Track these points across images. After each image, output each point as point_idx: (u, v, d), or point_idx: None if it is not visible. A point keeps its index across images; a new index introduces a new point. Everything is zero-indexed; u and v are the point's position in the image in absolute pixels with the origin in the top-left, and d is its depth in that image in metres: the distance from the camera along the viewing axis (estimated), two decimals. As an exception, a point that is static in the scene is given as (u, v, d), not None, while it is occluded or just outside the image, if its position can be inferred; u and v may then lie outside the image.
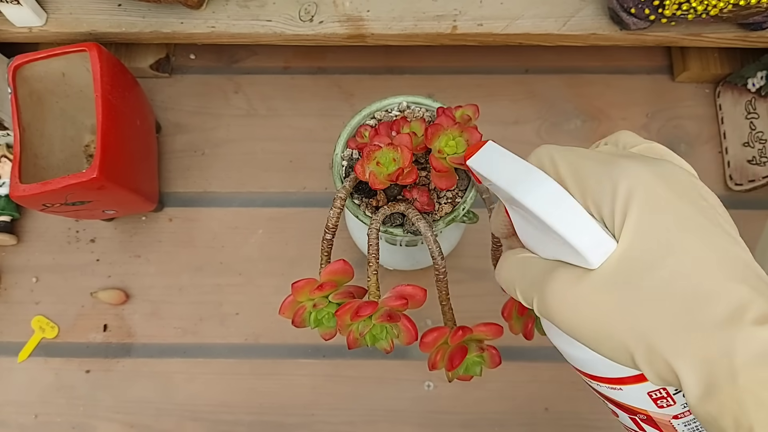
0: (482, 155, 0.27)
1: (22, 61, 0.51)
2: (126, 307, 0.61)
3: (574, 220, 0.22)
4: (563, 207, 0.23)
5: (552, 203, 0.23)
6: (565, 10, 0.56)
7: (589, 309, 0.22)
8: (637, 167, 0.22)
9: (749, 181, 0.60)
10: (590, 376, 0.29)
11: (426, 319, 0.59)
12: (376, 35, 0.57)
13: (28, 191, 0.48)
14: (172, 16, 0.57)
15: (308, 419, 0.58)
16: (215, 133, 0.67)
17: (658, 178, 0.22)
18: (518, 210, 0.26)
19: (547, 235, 0.24)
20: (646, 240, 0.21)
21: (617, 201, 0.22)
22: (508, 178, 0.25)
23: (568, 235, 0.22)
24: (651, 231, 0.21)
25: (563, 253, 0.24)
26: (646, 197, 0.21)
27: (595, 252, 0.22)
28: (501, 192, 0.26)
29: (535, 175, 0.24)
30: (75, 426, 0.58)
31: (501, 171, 0.25)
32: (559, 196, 0.23)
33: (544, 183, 0.23)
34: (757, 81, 0.60)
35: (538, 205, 0.23)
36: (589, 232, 0.22)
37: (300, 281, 0.34)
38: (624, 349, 0.21)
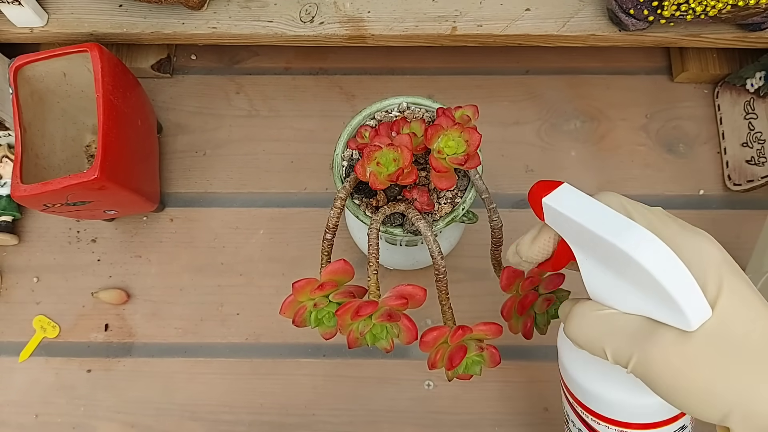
0: (562, 194, 0.27)
1: (24, 61, 0.51)
2: (127, 307, 0.62)
3: (685, 283, 0.23)
4: (676, 268, 0.23)
5: (665, 262, 0.23)
6: (565, 11, 0.56)
7: (692, 371, 0.23)
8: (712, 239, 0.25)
9: (748, 181, 0.60)
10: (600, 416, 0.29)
11: (426, 318, 0.60)
12: (376, 36, 0.57)
13: (29, 191, 0.48)
14: (174, 17, 0.57)
15: (308, 419, 0.58)
16: (216, 133, 0.67)
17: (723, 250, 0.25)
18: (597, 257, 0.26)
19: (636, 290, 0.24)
20: (737, 307, 0.23)
21: (710, 268, 0.24)
22: (606, 224, 0.25)
23: (678, 297, 0.23)
24: (743, 305, 0.23)
25: (656, 310, 0.24)
26: (732, 270, 0.24)
27: (698, 316, 0.23)
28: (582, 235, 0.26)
29: (640, 230, 0.24)
30: (75, 426, 0.58)
31: (593, 215, 0.25)
32: (671, 257, 0.23)
33: (653, 240, 0.24)
34: (755, 81, 0.61)
35: (650, 261, 0.23)
36: (697, 297, 0.23)
37: (300, 281, 0.34)
38: (720, 410, 0.22)
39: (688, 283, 0.23)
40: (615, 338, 0.25)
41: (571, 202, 0.26)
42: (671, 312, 0.23)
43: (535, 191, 0.28)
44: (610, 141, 0.66)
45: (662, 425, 0.27)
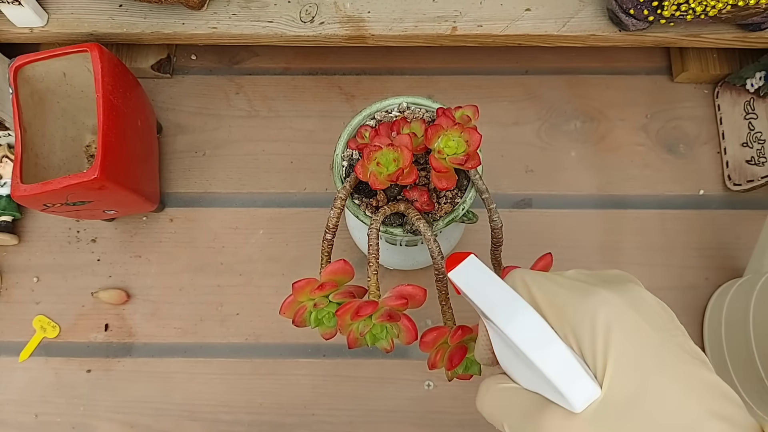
0: (463, 270, 0.26)
1: (24, 61, 0.51)
2: (126, 307, 0.62)
3: (561, 365, 0.22)
4: (550, 349, 0.22)
5: (538, 341, 0.22)
6: (565, 11, 0.56)
7: None
8: (611, 297, 0.23)
9: (748, 181, 0.60)
10: None
11: (426, 318, 0.60)
12: (376, 36, 0.57)
13: (29, 191, 0.48)
14: (174, 17, 0.57)
15: (308, 419, 0.58)
16: (216, 133, 0.67)
17: (630, 306, 0.23)
18: (497, 333, 0.25)
19: (529, 367, 0.24)
20: (627, 381, 0.22)
21: (597, 339, 0.22)
22: (491, 302, 0.24)
23: (554, 379, 0.22)
24: (631, 371, 0.22)
25: (546, 389, 0.23)
26: (624, 333, 0.22)
27: (580, 397, 0.22)
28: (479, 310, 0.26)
29: (519, 306, 0.23)
30: (75, 425, 0.58)
31: (485, 293, 0.25)
32: (546, 335, 0.23)
33: (528, 316, 0.23)
34: (755, 81, 0.61)
35: (523, 340, 0.23)
36: (577, 379, 0.22)
37: (300, 281, 0.34)
38: None
39: (566, 364, 0.22)
40: (511, 414, 0.25)
41: (470, 277, 0.26)
42: (556, 393, 0.22)
43: (447, 265, 0.28)
44: (610, 141, 0.66)
45: None
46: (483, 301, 0.25)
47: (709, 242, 0.61)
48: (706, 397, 0.21)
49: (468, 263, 0.27)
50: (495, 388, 0.26)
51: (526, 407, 0.24)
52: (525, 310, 0.23)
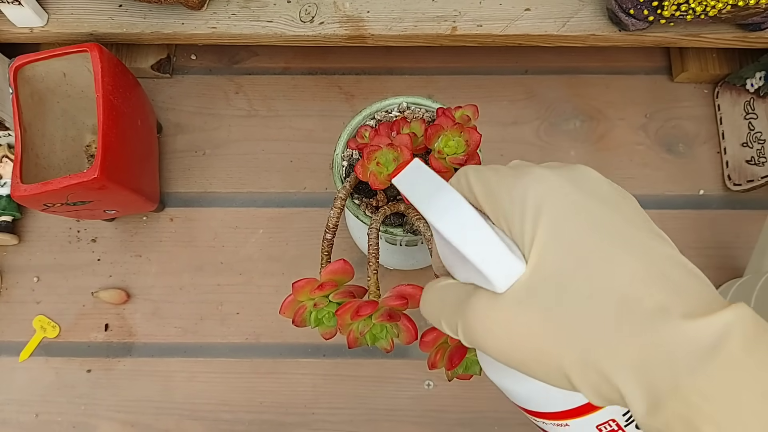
0: (405, 173, 0.25)
1: (24, 61, 0.51)
2: (127, 307, 0.62)
3: (482, 244, 0.21)
4: (471, 228, 0.21)
5: (459, 224, 0.21)
6: (564, 11, 0.56)
7: (510, 332, 0.21)
8: (546, 173, 0.21)
9: (748, 181, 0.60)
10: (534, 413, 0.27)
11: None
12: (376, 36, 0.57)
13: (29, 191, 0.48)
14: (173, 17, 0.57)
15: (308, 418, 0.58)
16: (216, 133, 0.67)
17: (568, 181, 0.21)
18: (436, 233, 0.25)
19: (460, 257, 0.22)
20: (559, 254, 0.20)
21: (526, 216, 0.21)
22: (420, 195, 0.23)
23: (474, 259, 0.21)
24: (564, 243, 0.20)
25: (474, 275, 0.22)
26: (556, 206, 0.20)
27: (501, 275, 0.21)
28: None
29: (443, 192, 0.22)
30: (75, 425, 0.58)
31: (416, 188, 0.24)
32: (467, 217, 0.21)
33: (450, 200, 0.22)
34: (755, 81, 0.61)
35: (445, 225, 0.22)
36: (497, 258, 0.21)
37: (300, 281, 0.34)
38: (557, 368, 0.20)
39: (487, 243, 0.21)
40: (444, 308, 0.24)
41: (410, 179, 0.25)
42: (481, 276, 0.21)
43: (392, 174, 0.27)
44: (609, 141, 0.66)
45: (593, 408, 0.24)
46: (417, 198, 0.23)
47: (708, 242, 0.61)
48: (657, 267, 0.19)
49: (411, 166, 0.25)
50: (434, 287, 0.25)
51: (457, 297, 0.23)
52: (448, 195, 0.22)
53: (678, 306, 0.19)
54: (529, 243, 0.20)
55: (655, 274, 0.19)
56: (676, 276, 0.19)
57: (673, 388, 0.18)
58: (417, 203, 0.23)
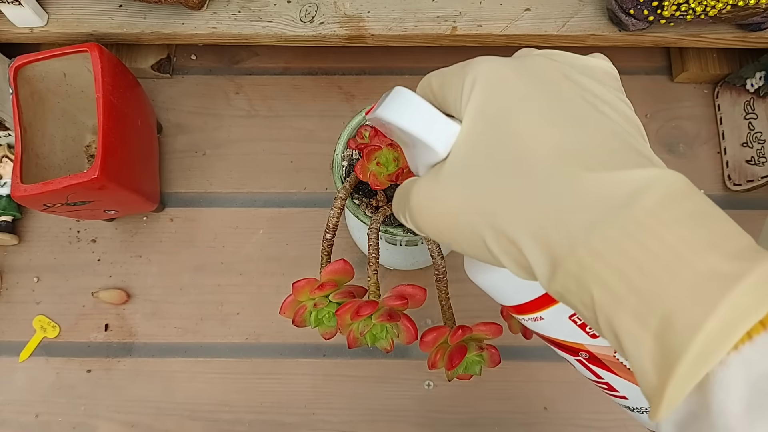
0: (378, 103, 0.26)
1: (24, 61, 0.51)
2: (127, 307, 0.62)
3: (414, 110, 0.22)
4: (405, 102, 0.22)
5: (398, 103, 0.23)
6: (565, 11, 0.56)
7: (442, 203, 0.21)
8: (491, 59, 0.21)
9: (748, 181, 0.60)
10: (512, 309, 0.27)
11: (426, 318, 0.60)
12: (376, 36, 0.57)
13: (29, 191, 0.48)
14: (173, 17, 0.57)
15: (308, 418, 0.58)
16: (216, 133, 0.67)
17: (509, 65, 0.21)
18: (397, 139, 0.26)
19: (412, 147, 0.24)
20: (483, 120, 0.20)
21: (464, 89, 0.21)
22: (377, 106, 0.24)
23: (409, 126, 0.22)
24: (489, 110, 0.20)
25: (424, 157, 0.23)
26: (489, 80, 0.20)
27: (438, 138, 0.21)
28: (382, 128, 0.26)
29: (393, 91, 0.23)
30: (76, 425, 0.58)
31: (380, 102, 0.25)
32: (403, 95, 0.23)
33: (394, 91, 0.23)
34: (755, 81, 0.61)
35: (386, 111, 0.23)
36: (429, 118, 0.22)
37: (300, 281, 0.34)
38: (477, 237, 0.20)
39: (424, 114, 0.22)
40: (400, 202, 0.24)
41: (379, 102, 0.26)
42: (425, 152, 0.22)
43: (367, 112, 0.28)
44: (609, 141, 0.66)
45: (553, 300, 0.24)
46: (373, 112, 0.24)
47: (708, 242, 0.61)
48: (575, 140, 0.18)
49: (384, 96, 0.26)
50: (400, 186, 0.25)
51: (409, 187, 0.23)
52: (394, 91, 0.23)
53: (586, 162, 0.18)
54: (463, 114, 0.21)
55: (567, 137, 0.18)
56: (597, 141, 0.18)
57: (569, 247, 0.17)
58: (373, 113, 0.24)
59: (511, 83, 0.20)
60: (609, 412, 0.57)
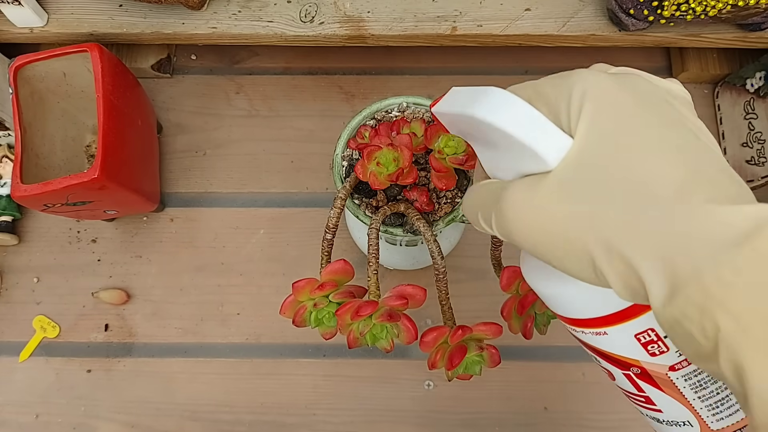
0: (445, 97, 0.26)
1: (24, 61, 0.51)
2: (127, 307, 0.62)
3: (524, 117, 0.21)
4: (513, 107, 0.22)
5: (501, 106, 0.22)
6: (565, 11, 0.56)
7: (545, 214, 0.20)
8: (595, 73, 0.21)
9: (748, 181, 0.60)
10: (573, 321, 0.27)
11: (426, 318, 0.60)
12: (376, 36, 0.57)
13: (29, 191, 0.48)
14: (174, 17, 0.57)
15: (309, 418, 0.58)
16: (216, 133, 0.67)
17: (616, 82, 0.21)
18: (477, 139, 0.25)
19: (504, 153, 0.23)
20: (598, 137, 0.20)
21: (572, 106, 0.21)
22: (463, 101, 0.24)
23: (519, 133, 0.21)
24: (604, 128, 0.20)
25: (522, 163, 0.22)
26: (600, 97, 0.20)
27: (550, 148, 0.21)
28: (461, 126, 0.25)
29: (490, 90, 0.23)
30: (76, 426, 0.58)
31: (458, 99, 0.24)
32: (508, 98, 0.22)
33: (493, 93, 0.22)
34: (755, 81, 0.61)
35: (486, 112, 0.22)
36: (541, 127, 0.21)
37: (301, 281, 0.34)
38: (584, 255, 0.20)
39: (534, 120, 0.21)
40: (483, 202, 0.24)
41: (449, 99, 0.25)
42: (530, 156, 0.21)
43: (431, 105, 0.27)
44: (610, 141, 0.66)
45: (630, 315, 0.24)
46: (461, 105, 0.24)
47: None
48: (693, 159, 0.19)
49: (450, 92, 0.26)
50: (474, 186, 0.25)
51: (495, 191, 0.23)
52: (494, 91, 0.22)
53: (706, 193, 0.18)
54: (574, 125, 0.21)
55: (688, 167, 0.19)
56: (709, 172, 0.19)
57: (693, 274, 0.17)
58: (462, 110, 0.23)
59: (623, 102, 0.20)
60: (609, 412, 0.57)
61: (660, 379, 0.25)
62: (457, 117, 0.24)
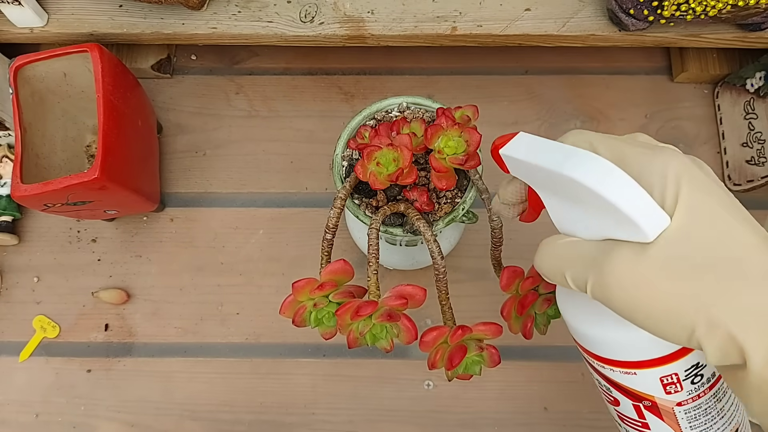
0: (517, 142, 0.27)
1: (24, 61, 0.51)
2: (127, 307, 0.62)
3: (630, 191, 0.23)
4: (619, 179, 0.23)
5: (606, 175, 0.23)
6: (565, 11, 0.56)
7: (650, 287, 0.22)
8: (680, 154, 0.24)
9: (748, 181, 0.60)
10: (604, 360, 0.28)
11: (426, 318, 0.60)
12: (376, 36, 0.57)
13: (29, 191, 0.48)
14: (174, 17, 0.57)
15: (308, 418, 0.58)
16: (216, 133, 0.67)
17: (696, 165, 0.24)
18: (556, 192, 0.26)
19: (593, 214, 0.24)
20: (698, 218, 0.22)
21: (668, 182, 0.23)
22: (553, 158, 0.25)
23: (624, 205, 0.22)
24: (701, 210, 0.22)
25: (613, 230, 0.24)
26: (693, 180, 0.23)
27: (652, 224, 0.22)
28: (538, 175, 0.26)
29: (583, 152, 0.24)
30: (76, 425, 0.58)
31: (543, 153, 0.25)
32: (613, 169, 0.23)
33: (594, 158, 0.24)
34: (755, 81, 0.61)
35: (591, 178, 0.23)
36: (645, 203, 0.22)
37: (300, 281, 0.34)
38: (685, 325, 0.22)
39: (635, 191, 0.23)
40: (574, 262, 0.25)
41: (525, 146, 0.27)
42: (627, 227, 0.23)
43: (495, 146, 0.28)
44: (609, 141, 0.66)
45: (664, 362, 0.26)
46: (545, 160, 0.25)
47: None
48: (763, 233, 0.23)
49: (521, 136, 0.27)
50: (556, 243, 0.27)
51: (590, 253, 0.25)
52: (591, 156, 0.24)
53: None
54: (672, 203, 0.23)
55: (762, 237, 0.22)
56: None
57: None
58: (545, 163, 0.25)
59: (710, 186, 0.23)
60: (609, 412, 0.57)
61: (666, 411, 0.27)
62: (539, 169, 0.26)
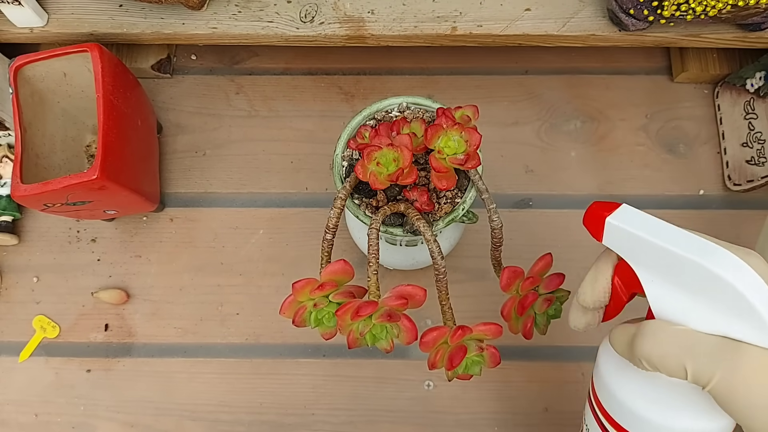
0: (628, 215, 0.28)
1: (24, 61, 0.51)
2: (127, 307, 0.62)
3: None
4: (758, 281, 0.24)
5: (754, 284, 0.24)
6: (565, 11, 0.56)
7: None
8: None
9: (748, 181, 0.60)
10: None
11: (426, 318, 0.60)
12: (376, 36, 0.57)
13: (29, 191, 0.48)
14: (174, 17, 0.57)
15: (308, 418, 0.58)
16: (216, 133, 0.67)
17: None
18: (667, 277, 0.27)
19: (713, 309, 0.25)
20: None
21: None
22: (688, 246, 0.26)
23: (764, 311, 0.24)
24: None
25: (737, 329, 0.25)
26: None
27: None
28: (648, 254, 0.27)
29: (727, 252, 0.25)
30: (75, 425, 0.58)
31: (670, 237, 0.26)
32: (757, 278, 0.24)
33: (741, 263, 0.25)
34: (755, 81, 0.61)
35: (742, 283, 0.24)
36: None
37: (300, 281, 0.34)
38: None
39: None
40: (696, 356, 0.25)
41: (637, 221, 0.27)
42: (757, 331, 0.24)
43: (595, 210, 0.28)
44: (609, 141, 0.66)
45: None
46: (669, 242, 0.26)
47: (709, 242, 0.61)
48: None
49: (627, 208, 0.28)
50: (670, 330, 0.26)
51: (713, 348, 0.25)
52: (732, 254, 0.25)
53: None
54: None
55: None
56: None
57: None
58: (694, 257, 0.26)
59: None
60: None
61: None
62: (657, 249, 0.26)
